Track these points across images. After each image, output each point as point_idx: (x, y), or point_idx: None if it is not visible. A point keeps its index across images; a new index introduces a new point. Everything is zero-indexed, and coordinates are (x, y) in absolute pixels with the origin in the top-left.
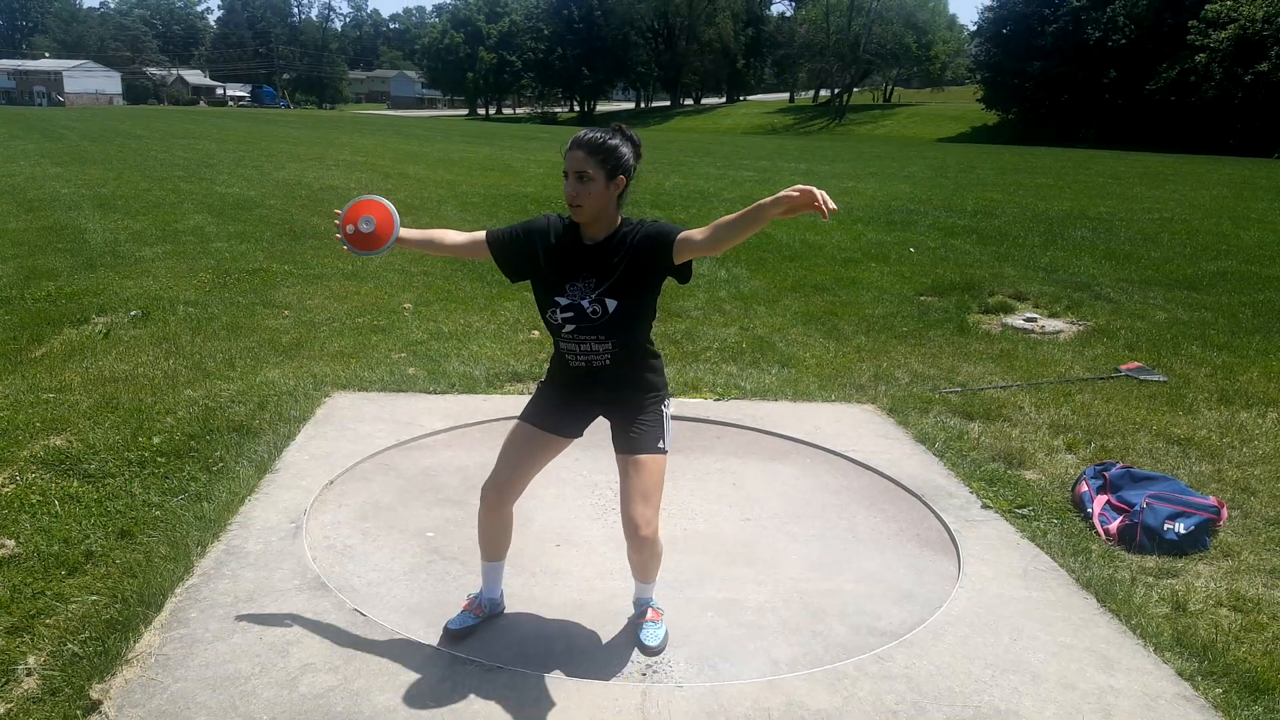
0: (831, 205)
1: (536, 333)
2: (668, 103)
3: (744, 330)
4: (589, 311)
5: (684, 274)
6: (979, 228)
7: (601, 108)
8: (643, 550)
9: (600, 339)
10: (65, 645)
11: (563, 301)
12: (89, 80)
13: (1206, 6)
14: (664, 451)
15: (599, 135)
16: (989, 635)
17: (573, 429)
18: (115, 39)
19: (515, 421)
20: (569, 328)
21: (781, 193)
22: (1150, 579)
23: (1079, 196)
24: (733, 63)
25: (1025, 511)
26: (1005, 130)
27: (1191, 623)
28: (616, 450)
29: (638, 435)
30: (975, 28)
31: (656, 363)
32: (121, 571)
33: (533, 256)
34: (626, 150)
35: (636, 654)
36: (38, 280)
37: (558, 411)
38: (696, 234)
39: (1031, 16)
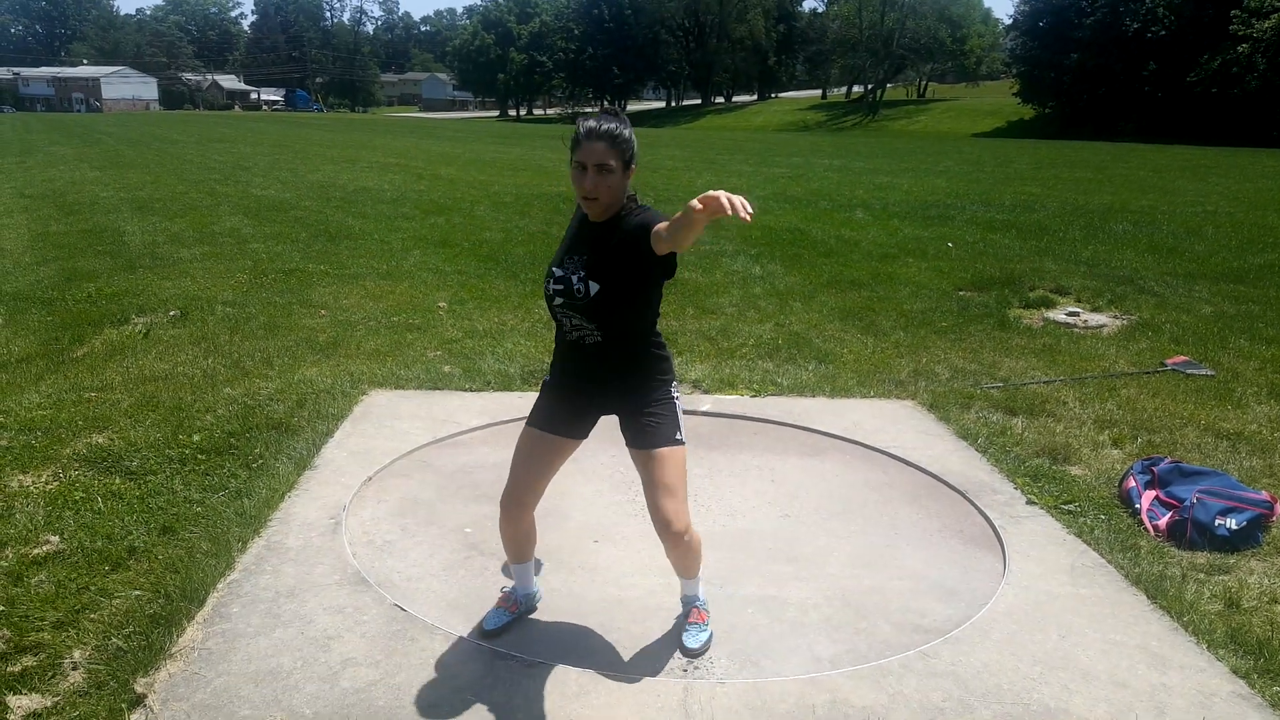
0: (745, 212)
1: None
2: (699, 101)
3: (780, 326)
4: (575, 290)
5: (669, 267)
6: (1018, 222)
7: (632, 107)
8: (677, 546)
9: (585, 320)
10: (110, 640)
11: (557, 273)
12: (126, 86)
13: None
14: (681, 443)
15: (614, 125)
16: (1037, 632)
17: (578, 429)
18: (151, 45)
19: (522, 429)
20: (558, 300)
21: (692, 201)
22: (1201, 575)
23: (1119, 190)
24: (764, 60)
25: (1071, 508)
26: (1042, 124)
27: (1245, 620)
28: (632, 447)
29: (652, 429)
30: (1011, 21)
31: (660, 353)
32: (164, 567)
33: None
34: (632, 136)
35: (678, 651)
36: (79, 282)
37: (561, 411)
38: (662, 227)
39: (1069, 9)
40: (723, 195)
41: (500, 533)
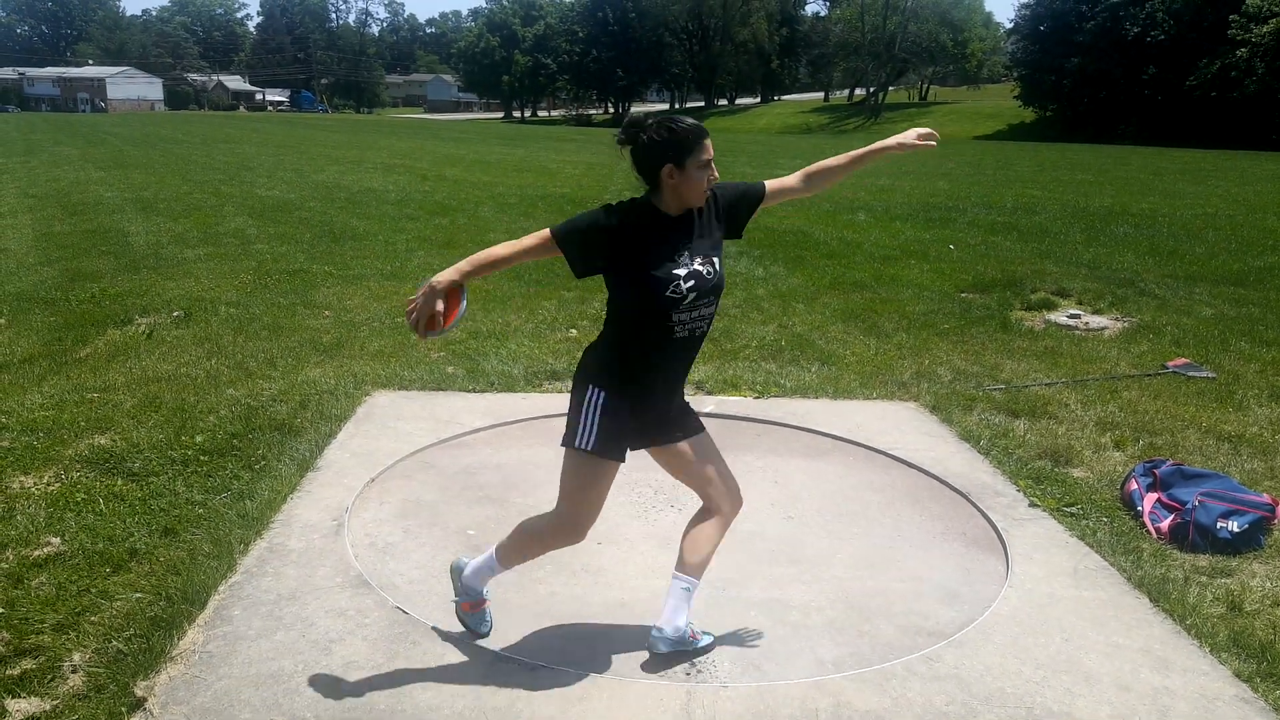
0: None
1: (574, 331)
2: (702, 103)
3: (783, 328)
4: (706, 275)
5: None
6: (1019, 224)
7: (636, 109)
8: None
9: (709, 302)
10: (110, 642)
11: (680, 273)
12: (131, 86)
13: (1247, 1)
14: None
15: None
16: (1040, 635)
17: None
18: (157, 46)
19: (599, 461)
20: (691, 296)
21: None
22: (1204, 578)
23: (1120, 193)
24: (767, 63)
25: (1074, 510)
26: (1043, 127)
27: (1248, 623)
28: (673, 441)
29: (691, 413)
30: (1011, 25)
31: None
32: (165, 569)
33: (619, 247)
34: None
35: (681, 654)
36: (82, 282)
37: (629, 434)
38: (782, 181)
39: (1069, 13)
40: (910, 138)
41: (541, 551)
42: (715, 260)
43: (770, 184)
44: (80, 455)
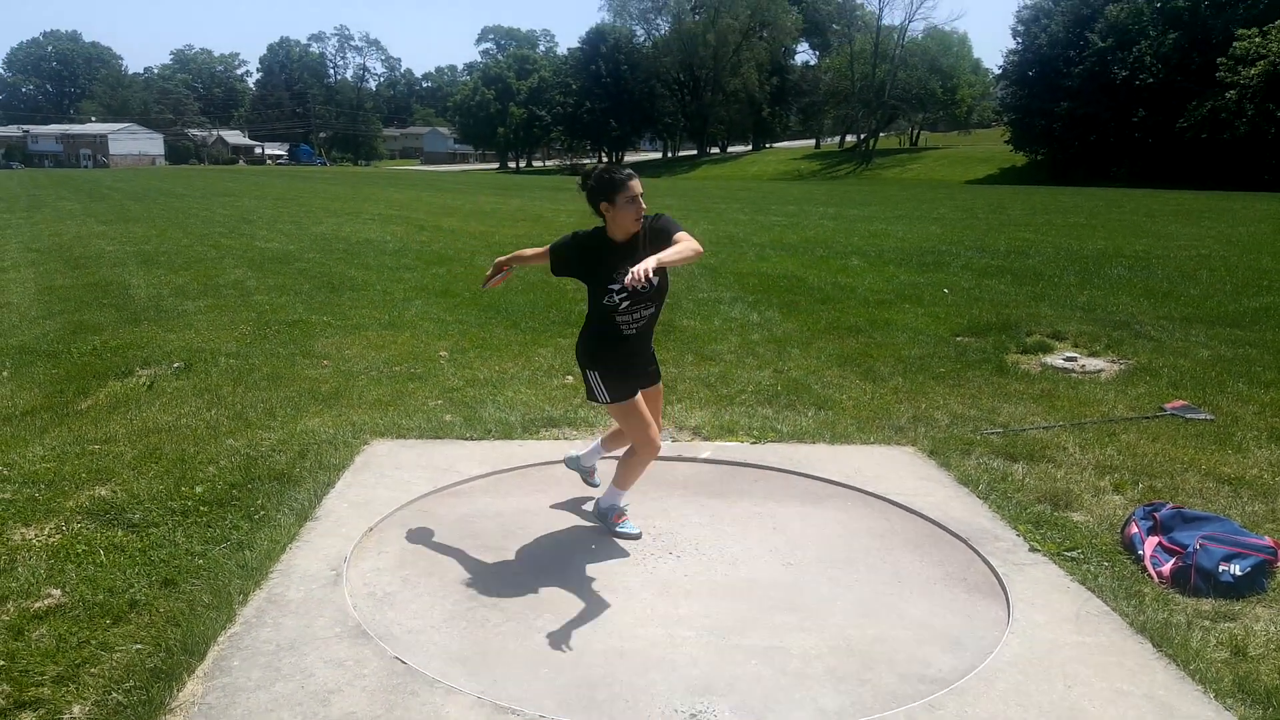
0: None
1: (570, 378)
2: (695, 151)
3: (778, 373)
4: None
5: None
6: (1013, 268)
7: (629, 158)
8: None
9: (645, 306)
10: (110, 694)
11: (615, 287)
12: (133, 142)
13: (1235, 44)
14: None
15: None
16: (1042, 682)
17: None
18: (159, 102)
19: (622, 404)
20: (627, 303)
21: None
22: (1207, 623)
23: (1113, 235)
24: (758, 111)
25: (1074, 554)
26: (1035, 171)
27: (1253, 668)
28: (641, 387)
29: (656, 368)
30: (1000, 70)
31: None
32: (165, 620)
33: (583, 262)
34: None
35: (680, 702)
36: (84, 334)
37: (632, 378)
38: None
39: (1057, 59)
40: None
41: (642, 470)
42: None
43: (676, 238)
44: (81, 506)
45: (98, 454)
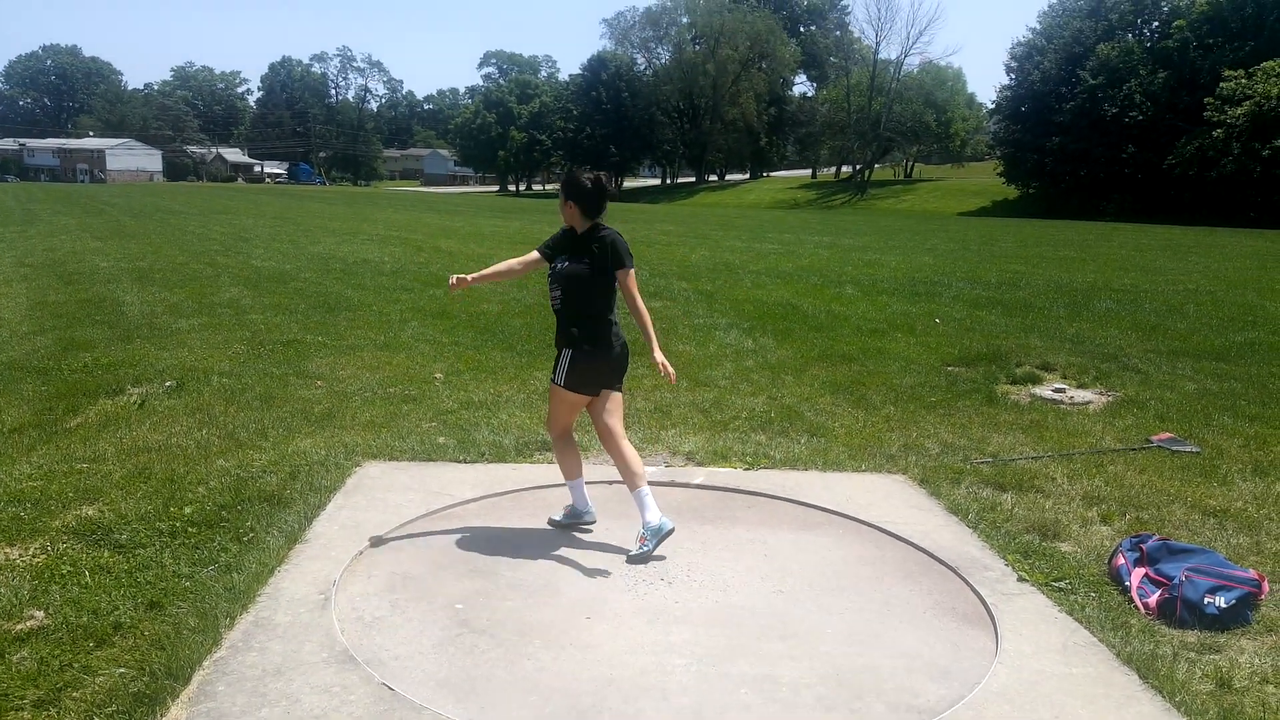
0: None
1: None
2: (693, 179)
3: (772, 399)
4: (559, 269)
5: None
6: (1004, 299)
7: (628, 184)
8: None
9: (555, 285)
10: (92, 719)
11: (558, 266)
12: (130, 158)
13: (1222, 84)
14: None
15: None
16: (1029, 713)
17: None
18: (158, 119)
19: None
20: (552, 281)
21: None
22: (1192, 654)
23: (1102, 268)
24: (756, 140)
25: (1062, 585)
26: (1026, 204)
27: (1237, 700)
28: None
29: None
30: (994, 105)
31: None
32: (150, 644)
33: (555, 248)
34: (571, 184)
35: None
36: (75, 351)
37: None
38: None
39: (1049, 95)
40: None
41: (568, 454)
42: (574, 264)
43: (621, 275)
44: (67, 526)
45: (86, 473)
